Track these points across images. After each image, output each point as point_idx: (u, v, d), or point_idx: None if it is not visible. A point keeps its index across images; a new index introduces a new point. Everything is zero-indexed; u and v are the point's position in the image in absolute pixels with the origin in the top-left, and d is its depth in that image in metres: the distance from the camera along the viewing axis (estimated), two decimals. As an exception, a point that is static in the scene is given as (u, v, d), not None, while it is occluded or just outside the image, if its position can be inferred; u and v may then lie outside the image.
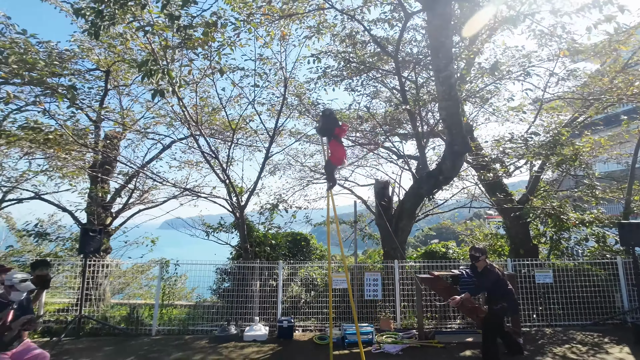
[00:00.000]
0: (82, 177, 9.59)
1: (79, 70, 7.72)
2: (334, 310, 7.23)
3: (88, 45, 7.76)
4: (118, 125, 8.14)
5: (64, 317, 7.08)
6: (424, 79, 7.70)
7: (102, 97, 8.25)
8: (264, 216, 8.30)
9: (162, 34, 4.81)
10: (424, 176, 6.83)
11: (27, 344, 4.18)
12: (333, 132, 4.73)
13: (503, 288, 5.00)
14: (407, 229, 7.67)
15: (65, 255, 9.29)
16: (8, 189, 9.69)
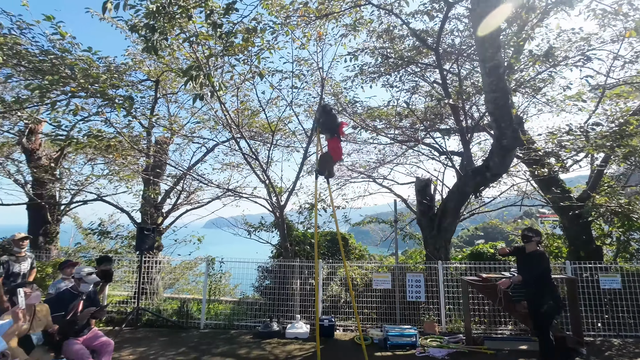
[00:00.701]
0: (136, 179, 10.41)
1: (132, 82, 8.36)
2: (375, 311, 7.13)
3: (140, 58, 8.40)
4: (167, 130, 8.71)
5: (124, 309, 7.71)
6: (467, 70, 7.30)
7: (152, 105, 8.87)
8: (302, 215, 8.41)
9: (206, 43, 5.05)
10: (469, 173, 6.48)
11: (95, 331, 4.62)
12: (336, 130, 4.64)
13: (550, 281, 4.55)
14: (450, 228, 7.33)
15: (124, 251, 10.14)
16: (75, 191, 10.81)
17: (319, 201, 8.36)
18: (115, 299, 8.51)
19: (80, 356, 4.10)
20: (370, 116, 7.50)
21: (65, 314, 4.16)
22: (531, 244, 4.64)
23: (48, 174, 9.66)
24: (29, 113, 8.28)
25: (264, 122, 9.22)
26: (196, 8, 4.73)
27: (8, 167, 10.07)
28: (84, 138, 6.21)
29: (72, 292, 4.37)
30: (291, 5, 5.73)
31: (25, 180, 10.12)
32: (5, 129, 9.38)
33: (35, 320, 3.97)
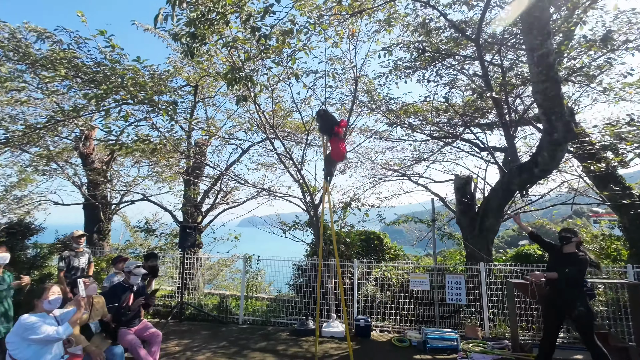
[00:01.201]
0: (177, 180, 10.99)
1: (174, 88, 8.82)
2: (413, 312, 6.95)
3: (180, 65, 8.83)
4: (205, 133, 9.08)
5: (169, 302, 8.16)
6: (510, 61, 6.87)
7: (192, 109, 9.30)
8: (336, 214, 8.39)
9: (242, 47, 5.19)
10: (514, 170, 6.10)
11: (145, 323, 4.93)
12: (333, 130, 4.84)
13: (582, 288, 4.20)
14: (493, 228, 6.95)
15: (167, 248, 10.74)
16: (124, 192, 11.63)
17: (353, 200, 8.30)
18: (160, 293, 9.03)
19: (133, 345, 4.40)
20: (405, 112, 7.29)
21: (119, 305, 4.49)
22: (570, 245, 4.31)
23: (100, 176, 10.48)
24: (84, 120, 9.01)
25: (297, 122, 9.32)
26: (233, 14, 4.88)
27: (67, 170, 11.04)
28: (132, 142, 6.66)
29: (124, 285, 4.72)
30: (324, 5, 5.72)
31: (82, 182, 11.05)
32: (64, 135, 10.30)
33: (93, 310, 4.32)
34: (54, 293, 3.37)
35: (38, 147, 9.64)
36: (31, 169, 10.98)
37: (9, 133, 7.93)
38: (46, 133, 8.78)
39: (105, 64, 6.25)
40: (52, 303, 3.34)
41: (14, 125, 8.42)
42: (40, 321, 3.12)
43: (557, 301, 4.30)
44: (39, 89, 7.43)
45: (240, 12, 5.01)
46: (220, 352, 5.62)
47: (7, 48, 6.07)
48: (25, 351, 3.03)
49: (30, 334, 3.02)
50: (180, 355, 5.47)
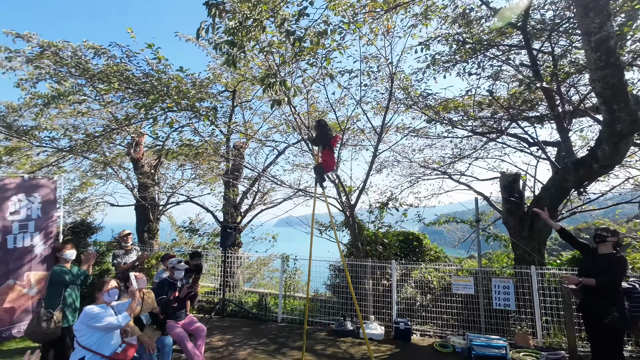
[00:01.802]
0: (217, 182, 11.50)
1: (213, 94, 9.24)
2: (456, 317, 6.64)
3: (218, 71, 9.23)
4: (243, 136, 9.40)
5: (212, 299, 8.55)
6: (562, 47, 6.30)
7: (230, 113, 9.67)
8: (373, 215, 8.26)
9: (278, 51, 5.30)
10: (569, 165, 5.59)
11: (191, 317, 5.20)
12: (328, 142, 4.98)
13: (620, 290, 3.82)
14: (546, 229, 6.43)
15: (209, 247, 11.27)
16: (170, 194, 12.41)
17: (390, 199, 8.13)
18: (203, 290, 9.49)
19: (181, 338, 4.66)
20: (445, 108, 6.98)
21: (166, 298, 4.80)
22: (606, 245, 3.94)
23: (149, 179, 11.26)
24: (135, 128, 9.74)
25: (331, 122, 9.33)
26: (268, 19, 4.99)
27: (120, 174, 12.01)
28: (177, 147, 7.07)
29: (170, 281, 5.03)
30: (358, 3, 5.66)
31: (133, 184, 11.95)
32: (118, 142, 11.22)
33: (144, 303, 4.64)
34: (112, 286, 3.73)
35: (96, 153, 10.59)
36: (90, 173, 12.11)
37: (73, 141, 8.80)
38: (103, 141, 9.63)
39: (152, 74, 6.71)
40: (110, 295, 3.69)
41: (77, 134, 9.33)
42: (102, 311, 3.45)
43: (591, 307, 3.93)
44: (97, 101, 8.16)
45: (275, 16, 5.12)
46: (260, 349, 5.77)
47: (70, 65, 6.73)
48: (90, 338, 3.38)
49: (95, 322, 3.35)
50: (224, 350, 5.69)
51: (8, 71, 7.04)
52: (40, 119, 8.55)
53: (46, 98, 7.11)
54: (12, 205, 5.87)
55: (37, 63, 6.69)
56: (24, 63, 6.95)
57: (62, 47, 6.74)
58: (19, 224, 5.92)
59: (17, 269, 5.82)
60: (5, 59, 6.90)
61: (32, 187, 6.15)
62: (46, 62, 6.72)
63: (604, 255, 3.94)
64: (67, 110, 9.47)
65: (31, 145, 10.04)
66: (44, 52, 6.46)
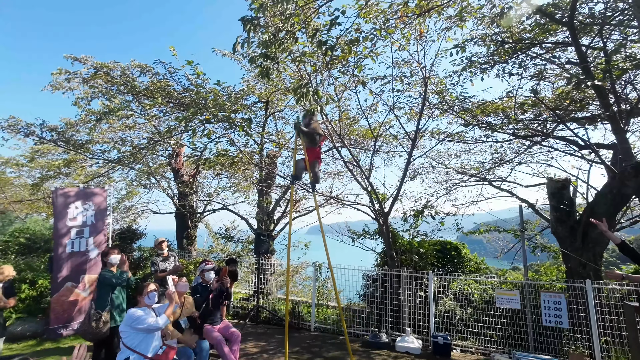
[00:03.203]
0: (251, 190, 11.80)
1: (247, 105, 9.57)
2: (500, 333, 6.20)
3: (252, 83, 9.56)
4: (276, 145, 9.60)
5: (246, 305, 8.70)
6: (615, 42, 5.79)
7: (263, 123, 9.94)
8: (408, 223, 8.02)
9: (310, 60, 5.38)
10: (628, 170, 5.07)
11: (226, 322, 5.32)
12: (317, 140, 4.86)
13: None
14: (601, 240, 5.85)
15: (244, 254, 11.54)
16: (207, 202, 12.93)
17: (425, 207, 7.85)
18: (238, 296, 9.69)
19: (218, 342, 4.77)
20: (483, 111, 6.65)
21: (203, 301, 4.97)
22: None
23: (188, 188, 11.82)
24: (175, 139, 10.33)
25: (363, 129, 9.27)
26: (300, 30, 5.09)
27: (162, 184, 12.73)
28: (214, 157, 7.38)
29: (203, 285, 5.22)
30: (389, 9, 5.62)
31: (173, 193, 12.61)
32: (160, 153, 11.94)
33: (183, 308, 4.82)
34: (151, 289, 3.96)
35: (141, 164, 11.33)
36: (136, 183, 12.96)
37: (121, 153, 9.49)
38: (147, 152, 10.29)
39: (191, 89, 7.09)
40: (150, 298, 3.92)
41: (124, 147, 10.07)
42: (144, 314, 3.63)
43: None
44: (142, 115, 8.76)
45: (306, 27, 5.22)
46: (294, 357, 5.75)
47: (119, 83, 7.31)
48: (134, 339, 3.58)
49: (137, 324, 3.54)
50: (258, 357, 5.74)
51: (67, 91, 7.79)
52: (93, 133, 9.34)
53: (98, 114, 7.76)
54: (70, 212, 6.41)
55: (91, 83, 7.34)
56: (81, 83, 7.67)
57: (112, 67, 7.34)
58: (76, 230, 6.46)
59: (75, 272, 6.31)
60: (65, 80, 7.65)
61: (87, 195, 6.69)
62: (99, 81, 7.35)
63: None
64: (116, 125, 10.26)
65: (85, 158, 10.98)
66: (97, 72, 7.07)
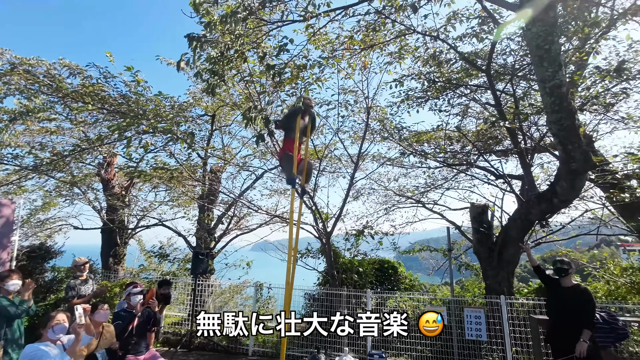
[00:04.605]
0: (192, 206, 11.19)
1: (192, 117, 9.21)
2: (430, 348, 6.60)
3: (199, 95, 9.27)
4: (220, 160, 9.32)
5: (179, 330, 8.06)
6: (523, 89, 6.88)
7: (208, 137, 9.63)
8: (349, 242, 8.27)
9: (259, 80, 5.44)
10: (532, 199, 5.93)
11: (153, 352, 4.85)
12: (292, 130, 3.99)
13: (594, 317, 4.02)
14: (513, 259, 6.67)
15: (180, 274, 10.77)
16: (140, 217, 11.90)
17: (365, 227, 8.20)
18: (170, 320, 8.95)
19: (141, 377, 4.32)
20: (418, 141, 7.32)
21: (124, 331, 4.47)
22: (569, 278, 4.18)
23: (119, 201, 10.79)
24: (107, 148, 9.45)
25: (310, 150, 9.48)
26: (250, 50, 5.15)
27: (88, 195, 11.45)
28: (150, 170, 6.90)
29: (128, 310, 4.71)
30: (337, 40, 5.97)
31: (101, 206, 11.40)
32: (88, 162, 10.78)
33: (102, 339, 4.29)
34: (58, 321, 3.36)
35: (63, 172, 10.10)
36: (55, 193, 11.45)
37: (38, 160, 8.37)
38: (72, 160, 9.23)
39: (130, 96, 6.64)
40: (56, 331, 3.33)
41: (43, 152, 8.91)
42: (41, 351, 3.10)
43: (561, 338, 4.07)
44: (69, 119, 7.90)
45: (257, 48, 5.30)
46: (228, 387, 5.44)
47: (42, 83, 6.55)
48: None
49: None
50: (188, 389, 5.32)
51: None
52: (4, 135, 8.13)
53: (13, 113, 6.82)
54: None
55: (5, 79, 6.46)
56: (-8, 78, 6.70)
57: (35, 64, 6.57)
58: (-32, 249, 5.46)
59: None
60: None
61: (-13, 208, 5.74)
62: (17, 78, 6.51)
63: (570, 288, 4.13)
64: (35, 128, 9.08)
65: (-10, 163, 9.46)
66: (15, 69, 6.27)
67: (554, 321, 4.27)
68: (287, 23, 4.78)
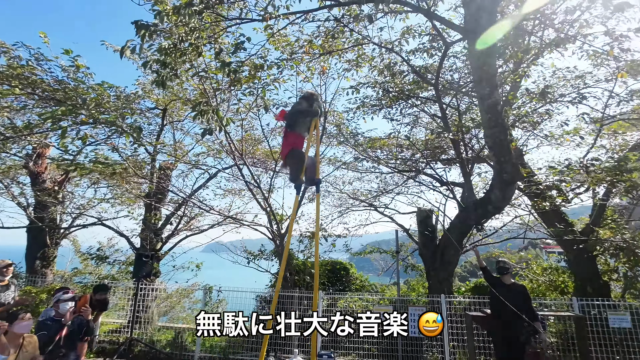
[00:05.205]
0: (137, 204, 10.44)
1: (141, 110, 8.62)
2: (377, 346, 6.87)
3: (149, 87, 8.70)
4: (171, 157, 8.84)
5: (117, 338, 7.47)
6: (466, 104, 7.51)
7: (159, 132, 9.08)
8: (303, 244, 8.32)
9: (214, 76, 5.26)
10: (471, 205, 6.48)
11: (85, 364, 4.47)
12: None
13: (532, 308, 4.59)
14: (453, 260, 7.22)
15: (120, 277, 9.98)
16: (76, 215, 10.81)
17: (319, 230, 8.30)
18: (107, 327, 8.26)
19: (69, 392, 3.95)
20: (372, 146, 7.63)
21: (50, 342, 4.06)
22: (508, 276, 4.72)
23: (51, 197, 9.71)
24: (38, 137, 8.47)
25: (266, 150, 9.37)
26: (206, 45, 4.97)
27: (12, 190, 10.15)
28: (89, 164, 6.33)
29: (55, 319, 4.29)
30: (296, 43, 6.01)
31: (28, 202, 10.16)
32: (14, 151, 9.55)
33: (21, 352, 3.84)
34: None
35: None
36: (-31, 186, 9.98)
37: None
38: (-8, 149, 8.14)
39: (67, 82, 6.03)
40: None
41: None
42: None
43: (506, 333, 4.52)
44: (-11, 103, 6.95)
45: (214, 42, 5.14)
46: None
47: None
48: None
49: None
50: (124, 401, 4.96)
51: None
52: None
53: None
54: None
55: None
56: None
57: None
58: None
59: None
60: None
61: None
62: None
63: (510, 285, 4.66)
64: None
65: None
66: None
67: (497, 315, 4.71)
68: (246, 21, 4.71)
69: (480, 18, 4.67)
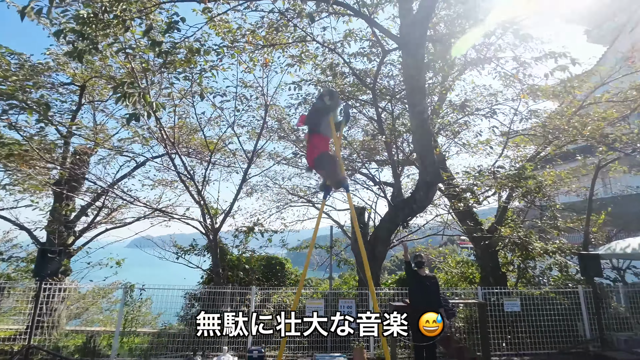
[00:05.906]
0: (45, 192, 9.07)
1: (52, 84, 7.49)
2: (307, 339, 7.03)
3: (64, 59, 7.59)
4: (90, 141, 7.86)
5: (10, 347, 6.45)
6: (400, 110, 8.07)
7: (74, 112, 8.00)
8: (238, 239, 8.12)
9: (143, 55, 4.81)
10: (399, 204, 7.00)
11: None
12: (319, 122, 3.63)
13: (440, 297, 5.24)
14: (382, 255, 7.71)
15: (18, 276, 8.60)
16: (-41, 203, 8.99)
17: (256, 224, 8.19)
18: None
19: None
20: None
21: None
22: (423, 269, 5.30)
23: None
24: None
25: (202, 140, 8.89)
26: (134, 20, 4.53)
27: None
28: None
29: None
30: (239, 30, 5.80)
31: None
32: None
33: None
34: None
35: None
36: None
37: None
38: None
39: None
40: None
41: None
42: None
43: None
44: None
45: (145, 18, 4.69)
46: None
47: None
48: None
49: None
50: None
51: None
52: None
53: None
54: None
55: None
56: None
57: None
58: None
59: None
60: None
61: None
62: None
63: (427, 277, 5.18)
64: None
65: None
66: None
67: (413, 304, 5.14)
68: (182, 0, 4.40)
69: (414, 32, 5.05)
